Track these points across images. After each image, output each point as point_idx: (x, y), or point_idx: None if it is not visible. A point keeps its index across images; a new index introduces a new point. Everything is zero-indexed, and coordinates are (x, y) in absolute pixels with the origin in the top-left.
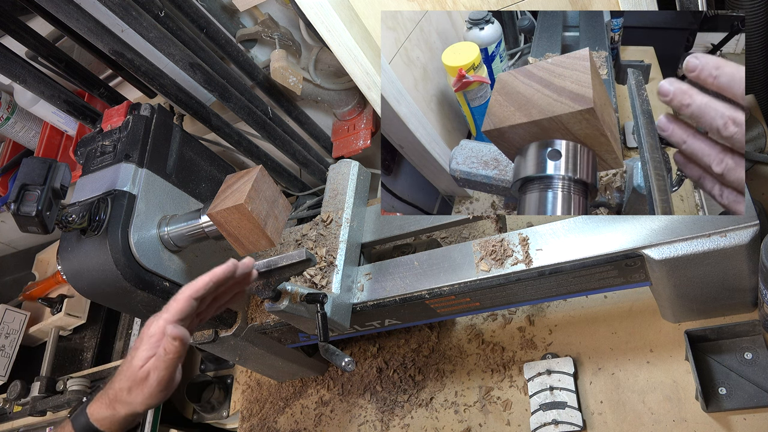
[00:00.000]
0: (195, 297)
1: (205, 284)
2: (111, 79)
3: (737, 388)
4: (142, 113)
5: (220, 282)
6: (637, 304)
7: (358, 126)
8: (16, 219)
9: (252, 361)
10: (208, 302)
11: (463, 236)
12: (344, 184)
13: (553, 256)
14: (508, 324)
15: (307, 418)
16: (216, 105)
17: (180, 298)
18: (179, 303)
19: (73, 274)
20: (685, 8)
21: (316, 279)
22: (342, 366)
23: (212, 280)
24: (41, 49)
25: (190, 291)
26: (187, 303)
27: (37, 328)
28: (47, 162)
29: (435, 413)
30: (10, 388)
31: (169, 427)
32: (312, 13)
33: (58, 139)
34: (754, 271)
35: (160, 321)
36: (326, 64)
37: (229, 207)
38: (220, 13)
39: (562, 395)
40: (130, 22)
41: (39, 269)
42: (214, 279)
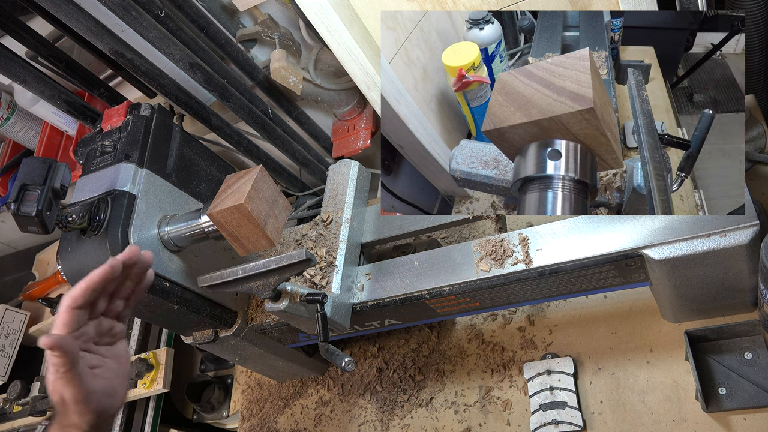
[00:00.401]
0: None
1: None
2: (111, 79)
3: (737, 388)
4: (142, 113)
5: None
6: (637, 304)
7: (358, 126)
8: (16, 219)
9: (252, 361)
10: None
11: (463, 236)
12: (344, 184)
13: (553, 256)
14: (508, 324)
15: (307, 418)
16: (216, 105)
17: (61, 311)
18: (61, 316)
19: (73, 274)
20: (685, 8)
21: (316, 279)
22: (342, 366)
23: (88, 285)
24: (41, 49)
25: (69, 301)
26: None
27: (37, 328)
28: (47, 162)
29: (435, 413)
30: (10, 388)
31: (169, 427)
32: (312, 13)
33: (58, 139)
34: (754, 271)
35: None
36: (326, 64)
37: (229, 207)
38: (220, 13)
39: (562, 395)
40: (130, 22)
41: (39, 269)
42: (90, 284)
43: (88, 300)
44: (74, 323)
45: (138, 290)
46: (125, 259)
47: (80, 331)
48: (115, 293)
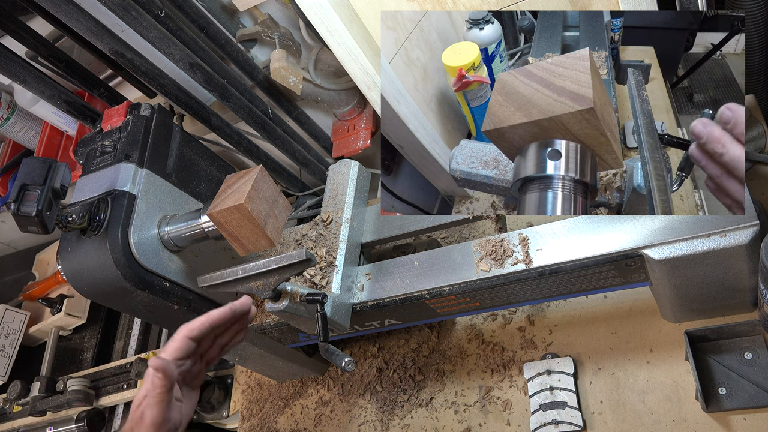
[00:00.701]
0: (191, 336)
1: (202, 325)
2: (111, 79)
3: (737, 388)
4: (142, 113)
5: (216, 324)
6: (637, 304)
7: (358, 126)
8: (16, 219)
9: (252, 361)
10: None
11: (463, 236)
12: (344, 184)
13: (553, 256)
14: (508, 324)
15: (307, 418)
16: (216, 105)
17: (177, 338)
18: (176, 342)
19: (73, 274)
20: (685, 8)
21: (316, 279)
22: (342, 366)
23: (209, 321)
24: (41, 49)
25: (186, 331)
26: (184, 342)
27: (37, 328)
28: (47, 162)
29: (435, 413)
30: (10, 388)
31: None
32: (312, 13)
33: (58, 139)
34: (754, 271)
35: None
36: (326, 64)
37: (229, 207)
38: (220, 13)
39: (562, 395)
40: (130, 22)
41: (39, 269)
42: (211, 321)
43: (203, 334)
44: (184, 352)
45: (233, 342)
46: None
47: (183, 361)
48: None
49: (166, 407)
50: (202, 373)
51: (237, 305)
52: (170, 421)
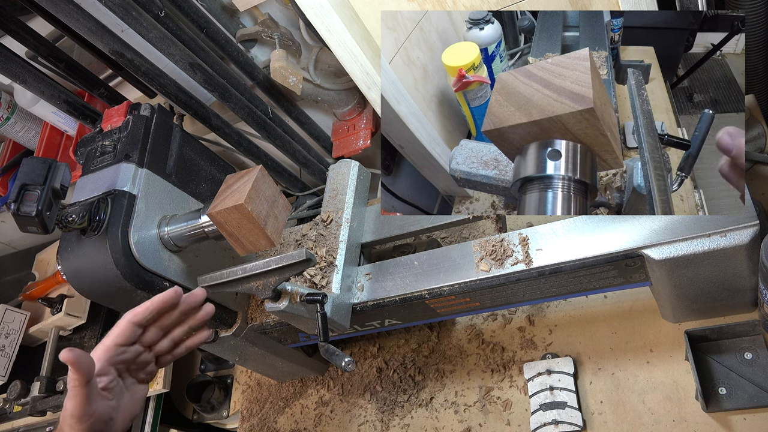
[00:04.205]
0: (134, 321)
1: (146, 309)
2: (111, 79)
3: (737, 388)
4: (142, 113)
5: (159, 308)
6: (637, 304)
7: (358, 126)
8: (16, 219)
9: (252, 361)
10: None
11: (463, 236)
12: (344, 184)
13: (553, 256)
14: (508, 324)
15: (307, 418)
16: (216, 105)
17: (120, 323)
18: (118, 327)
19: (73, 274)
20: (685, 8)
21: (316, 279)
22: (342, 366)
23: (152, 305)
24: (41, 49)
25: (130, 315)
26: (127, 327)
27: (37, 328)
28: (47, 162)
29: (435, 413)
30: (10, 388)
31: (169, 427)
32: (312, 13)
33: (58, 139)
34: (754, 271)
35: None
36: (326, 64)
37: (229, 207)
38: (220, 13)
39: (562, 395)
40: (130, 22)
41: (39, 269)
42: (153, 305)
43: (147, 318)
44: (127, 338)
45: (193, 342)
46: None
47: (125, 349)
48: (168, 332)
49: (84, 399)
50: (151, 366)
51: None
52: (93, 415)
